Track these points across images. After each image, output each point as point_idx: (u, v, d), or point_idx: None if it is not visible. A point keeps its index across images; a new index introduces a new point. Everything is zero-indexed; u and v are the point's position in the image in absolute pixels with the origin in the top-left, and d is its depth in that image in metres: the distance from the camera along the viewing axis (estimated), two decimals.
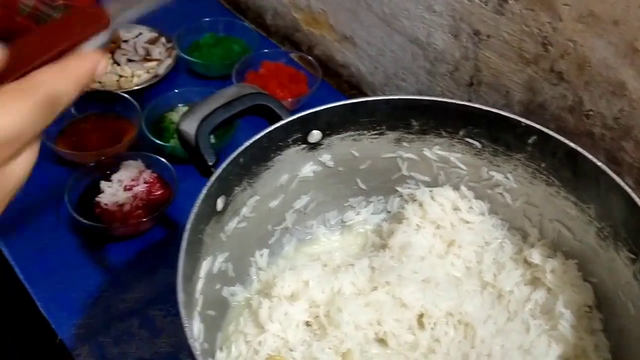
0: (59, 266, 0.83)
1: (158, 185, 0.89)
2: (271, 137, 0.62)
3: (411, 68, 0.95)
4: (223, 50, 1.12)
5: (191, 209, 0.87)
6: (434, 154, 0.68)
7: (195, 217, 0.54)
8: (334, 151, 0.68)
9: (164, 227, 0.88)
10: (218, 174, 0.57)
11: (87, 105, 1.00)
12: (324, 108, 0.64)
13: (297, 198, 0.70)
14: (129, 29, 1.16)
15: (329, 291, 0.63)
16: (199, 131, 0.60)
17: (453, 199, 0.69)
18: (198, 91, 1.02)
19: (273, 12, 1.19)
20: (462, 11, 0.83)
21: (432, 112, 0.65)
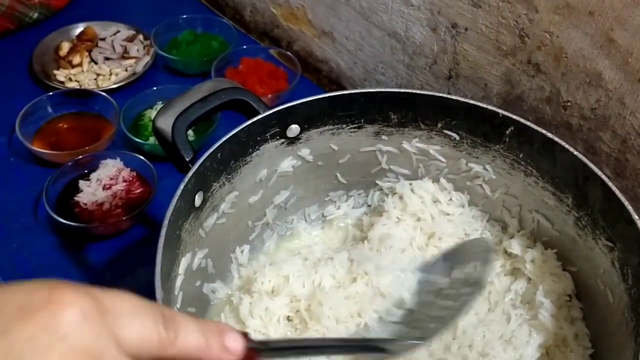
0: (38, 267, 0.82)
1: (137, 184, 0.88)
2: (249, 132, 0.62)
3: (390, 62, 0.95)
4: (201, 47, 1.11)
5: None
6: (413, 146, 0.68)
7: (173, 213, 0.53)
8: (313, 145, 0.67)
9: (144, 225, 0.88)
10: (195, 169, 0.56)
11: (64, 105, 0.99)
12: (301, 102, 0.63)
13: (277, 193, 0.69)
14: (106, 27, 1.15)
15: (309, 285, 0.62)
16: (175, 127, 0.59)
17: (433, 192, 0.69)
18: (177, 88, 1.00)
19: (252, 8, 1.18)
20: (439, 4, 0.83)
21: (410, 104, 0.65)
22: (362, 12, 0.95)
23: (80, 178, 0.87)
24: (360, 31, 0.97)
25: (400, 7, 0.88)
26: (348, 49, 1.01)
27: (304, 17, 1.07)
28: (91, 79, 1.06)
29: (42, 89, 1.05)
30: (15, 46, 1.14)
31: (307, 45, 1.10)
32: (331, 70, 1.08)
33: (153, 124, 0.60)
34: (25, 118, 0.94)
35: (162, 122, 0.59)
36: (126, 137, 0.94)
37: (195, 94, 0.61)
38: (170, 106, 0.60)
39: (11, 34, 1.16)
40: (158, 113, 0.60)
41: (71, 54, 1.08)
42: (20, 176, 0.93)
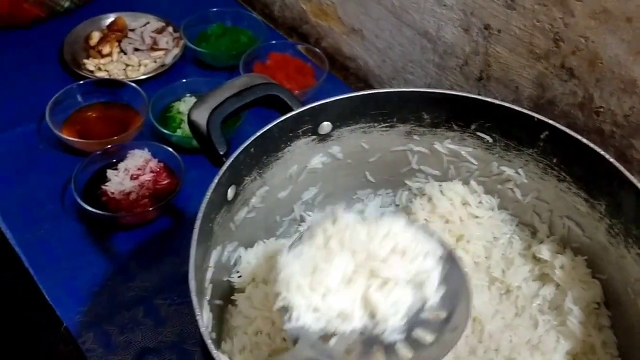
0: (64, 254, 0.83)
1: (164, 175, 0.88)
2: (282, 128, 0.62)
3: (420, 61, 0.94)
4: (230, 40, 1.11)
5: (202, 198, 0.87)
6: (445, 147, 0.68)
7: (207, 206, 0.53)
8: (344, 143, 0.67)
9: (170, 216, 0.88)
10: (229, 163, 0.57)
11: (93, 94, 1.00)
12: (335, 99, 0.63)
13: (306, 189, 0.69)
14: (136, 18, 1.15)
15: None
16: (210, 120, 0.59)
17: (462, 194, 0.69)
18: (205, 81, 1.01)
19: (281, 3, 1.18)
20: (473, 5, 0.82)
21: (444, 105, 0.64)
22: (394, 11, 0.94)
23: (108, 167, 0.88)
24: (390, 29, 0.97)
25: (433, 7, 0.88)
26: (377, 47, 1.01)
27: (334, 13, 1.06)
28: (120, 69, 1.07)
29: (72, 77, 1.06)
30: (46, 34, 1.15)
31: (336, 42, 1.10)
32: (359, 67, 1.07)
33: (188, 116, 0.60)
34: (54, 106, 0.95)
35: (197, 115, 0.60)
36: (154, 128, 0.95)
37: (230, 89, 0.61)
38: (206, 100, 0.61)
39: (42, 22, 1.17)
40: (193, 106, 0.60)
41: (101, 43, 1.09)
42: (49, 163, 0.94)
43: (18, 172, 0.92)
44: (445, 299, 0.50)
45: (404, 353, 0.48)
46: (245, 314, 0.61)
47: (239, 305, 0.61)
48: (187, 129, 0.94)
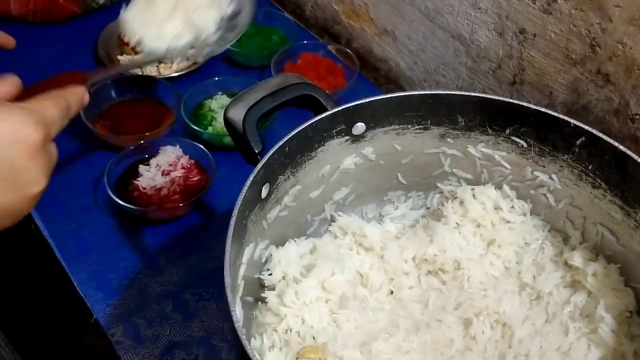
0: (96, 247, 0.84)
1: (195, 172, 0.89)
2: (316, 128, 0.62)
3: (452, 64, 0.94)
4: (262, 40, 1.12)
5: (232, 195, 0.87)
6: (479, 151, 0.67)
7: (242, 203, 0.54)
8: (377, 144, 0.67)
9: (199, 212, 0.89)
10: (264, 161, 0.57)
11: (126, 90, 1.01)
12: (370, 100, 0.63)
13: (337, 189, 0.69)
14: None
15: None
16: (246, 119, 0.60)
17: (495, 198, 0.68)
18: (237, 80, 1.02)
19: (313, 4, 1.18)
20: (508, 9, 0.82)
21: (479, 108, 0.64)
22: (427, 13, 0.94)
23: (140, 162, 0.89)
24: (423, 32, 0.96)
25: (467, 10, 0.87)
26: (409, 49, 1.01)
27: (366, 14, 1.07)
28: (153, 66, 1.08)
29: None
30: (81, 30, 1.16)
31: (367, 43, 1.10)
32: (390, 69, 1.07)
33: (225, 114, 0.61)
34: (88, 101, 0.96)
35: (234, 113, 0.60)
36: (185, 125, 0.96)
37: (266, 88, 0.62)
38: (242, 98, 0.61)
39: (77, 18, 1.18)
40: (230, 104, 0.61)
41: None
42: (82, 158, 0.95)
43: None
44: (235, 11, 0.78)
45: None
46: (275, 311, 0.61)
47: (269, 303, 0.62)
48: (219, 126, 0.96)
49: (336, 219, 0.70)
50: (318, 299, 0.61)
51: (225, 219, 0.87)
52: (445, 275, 0.66)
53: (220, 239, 0.83)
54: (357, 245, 0.67)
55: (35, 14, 1.14)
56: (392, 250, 0.66)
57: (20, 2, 1.13)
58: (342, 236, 0.68)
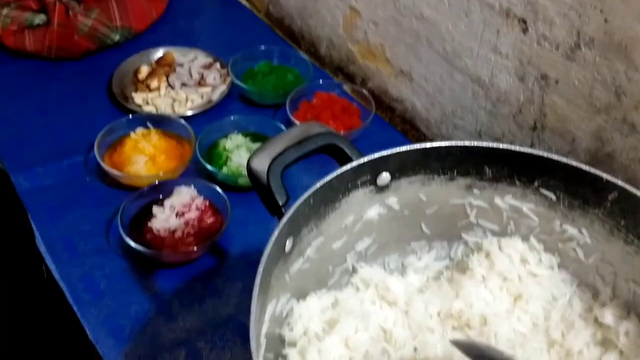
0: (108, 290, 0.81)
1: (209, 213, 0.87)
2: (341, 178, 0.60)
3: (471, 107, 0.92)
4: (277, 79, 1.11)
5: (246, 237, 0.87)
6: (506, 203, 0.65)
7: (267, 259, 0.51)
8: (401, 194, 0.65)
9: (213, 255, 0.87)
10: (290, 215, 0.55)
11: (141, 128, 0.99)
12: (395, 151, 0.61)
13: (360, 240, 0.67)
14: (184, 53, 1.15)
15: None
16: (270, 170, 0.58)
17: (522, 251, 0.66)
18: (252, 119, 1.01)
19: (328, 43, 1.17)
20: (530, 54, 0.80)
21: (507, 160, 0.62)
22: (445, 56, 0.93)
23: (154, 203, 0.87)
24: (441, 74, 0.95)
25: (487, 54, 0.86)
26: (426, 91, 0.99)
27: (382, 55, 1.05)
28: (167, 103, 1.06)
29: (120, 110, 1.06)
30: (95, 67, 1.15)
31: (383, 83, 1.08)
32: (406, 110, 1.06)
33: (248, 165, 0.59)
34: (103, 139, 0.95)
35: (257, 163, 0.58)
36: (200, 165, 0.94)
37: (290, 138, 0.60)
38: (266, 148, 0.59)
39: (92, 55, 1.18)
40: (253, 155, 0.59)
41: (150, 77, 1.09)
42: (94, 196, 0.93)
43: (64, 205, 0.91)
44: None
45: None
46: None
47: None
48: (233, 166, 0.94)
49: (358, 270, 0.68)
50: (341, 357, 0.58)
51: (240, 262, 0.86)
52: (472, 332, 0.63)
53: (235, 283, 0.83)
54: (381, 299, 0.65)
55: (50, 50, 1.13)
56: (416, 305, 0.63)
57: (36, 39, 1.13)
58: (365, 289, 0.66)
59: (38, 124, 1.04)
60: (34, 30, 1.13)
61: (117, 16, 1.17)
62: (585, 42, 0.73)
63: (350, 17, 1.09)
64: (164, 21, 1.28)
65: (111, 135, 0.96)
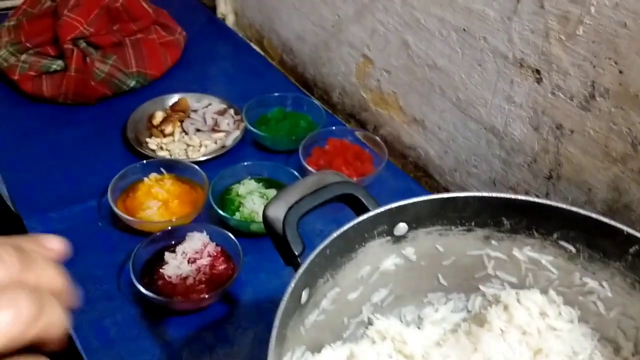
0: (117, 338, 0.80)
1: (221, 260, 0.86)
2: (358, 228, 0.59)
3: (485, 156, 0.92)
4: (290, 125, 1.11)
5: (257, 284, 0.86)
6: (524, 255, 0.64)
7: (283, 312, 0.50)
8: (418, 245, 0.64)
9: (224, 302, 0.85)
10: (306, 266, 0.54)
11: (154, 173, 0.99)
12: (413, 202, 0.60)
13: (376, 291, 0.66)
14: (199, 99, 1.16)
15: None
16: (286, 219, 0.57)
17: (541, 304, 0.64)
18: (265, 165, 1.01)
19: (341, 90, 1.18)
20: (544, 104, 0.80)
21: (526, 211, 0.61)
22: (459, 105, 0.93)
23: (166, 249, 0.86)
24: (454, 122, 0.95)
25: (501, 103, 0.86)
26: (439, 138, 0.99)
27: (395, 103, 1.06)
28: (181, 149, 1.07)
29: (134, 155, 1.06)
30: (110, 112, 1.16)
31: (395, 130, 1.08)
32: (419, 156, 1.06)
33: (264, 213, 0.58)
34: (116, 184, 0.95)
35: (273, 212, 0.58)
36: (211, 210, 0.93)
37: (306, 187, 0.59)
38: (282, 197, 0.59)
39: (107, 100, 1.19)
40: (269, 203, 0.58)
41: (164, 123, 1.10)
42: (106, 241, 0.93)
43: (76, 250, 0.88)
44: None
45: None
46: None
47: None
48: (246, 212, 0.94)
49: (374, 322, 0.66)
50: None
51: (252, 310, 0.85)
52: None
53: (246, 332, 0.81)
54: (397, 352, 0.63)
55: (67, 96, 1.14)
56: (434, 359, 0.61)
57: (53, 84, 1.14)
58: (381, 341, 0.64)
59: (52, 168, 1.04)
60: (51, 76, 1.15)
61: (133, 62, 1.19)
62: (600, 93, 0.73)
63: (363, 65, 1.10)
64: (179, 67, 1.30)
65: (125, 180, 0.96)
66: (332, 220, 0.94)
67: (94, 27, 1.16)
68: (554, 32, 0.75)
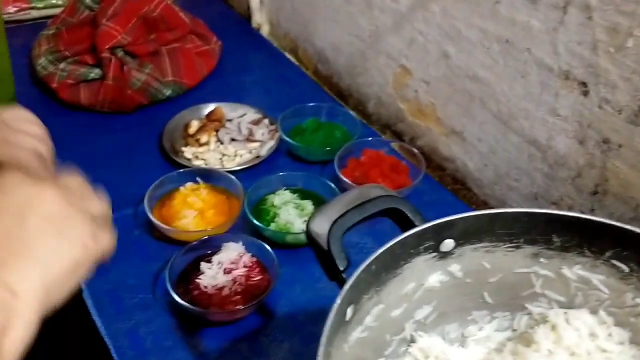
0: (153, 348, 0.79)
1: (257, 270, 0.85)
2: (404, 244, 0.58)
3: (526, 169, 0.90)
4: (324, 135, 1.10)
5: (293, 296, 0.85)
6: (574, 273, 0.62)
7: (329, 330, 0.49)
8: (465, 261, 0.63)
9: (260, 314, 0.84)
10: (352, 282, 0.53)
11: (189, 180, 0.99)
12: (461, 217, 0.59)
13: (419, 308, 0.64)
14: (234, 109, 1.16)
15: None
16: (331, 233, 0.56)
17: (590, 324, 0.62)
18: (300, 175, 1.00)
19: (376, 101, 1.17)
20: (590, 118, 0.78)
21: (577, 228, 0.59)
22: (500, 116, 0.91)
23: (202, 258, 0.86)
24: (495, 134, 0.93)
25: (545, 116, 0.84)
26: (479, 151, 0.97)
27: (433, 114, 1.04)
28: (216, 158, 1.07)
29: (169, 164, 1.06)
30: (146, 121, 1.17)
31: (433, 141, 1.07)
32: (457, 169, 1.04)
33: (307, 227, 0.57)
34: (153, 192, 0.95)
35: (317, 226, 0.57)
36: (247, 220, 0.93)
37: (350, 201, 0.59)
38: (325, 211, 0.58)
39: (144, 109, 1.19)
40: (313, 217, 0.57)
41: (200, 132, 1.09)
42: (142, 250, 0.92)
43: (112, 258, 0.90)
44: None
45: None
46: None
47: None
48: (282, 223, 0.93)
49: (416, 339, 0.64)
50: None
51: (287, 322, 0.83)
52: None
53: (281, 344, 0.80)
54: None
55: (103, 104, 1.15)
56: None
57: (90, 93, 1.15)
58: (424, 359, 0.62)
59: (89, 176, 1.04)
60: (89, 84, 1.15)
61: (170, 71, 1.19)
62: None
63: (400, 75, 1.09)
64: (214, 77, 1.30)
65: (161, 189, 0.96)
66: (367, 233, 0.93)
67: (132, 36, 1.16)
68: (602, 44, 0.73)
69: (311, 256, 0.59)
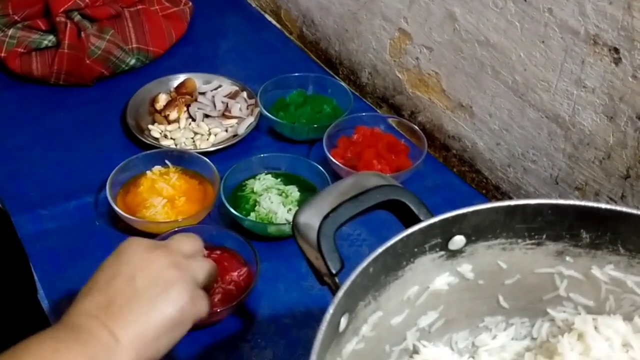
0: None
1: (235, 267, 0.82)
2: (407, 242, 0.54)
3: (546, 149, 0.86)
4: (311, 110, 1.07)
5: (275, 295, 0.82)
6: (605, 274, 0.59)
7: (320, 345, 0.45)
8: (477, 261, 0.59)
9: (239, 316, 0.81)
10: (346, 288, 0.49)
11: (157, 163, 0.95)
12: (473, 210, 0.55)
13: (424, 314, 0.61)
14: (207, 80, 1.13)
15: None
16: (321, 231, 0.52)
17: (624, 333, 0.59)
18: (284, 157, 0.97)
19: (371, 70, 1.13)
20: (623, 90, 0.74)
21: (610, 223, 0.56)
22: (515, 88, 0.87)
23: None
24: (509, 109, 0.89)
25: (568, 87, 0.80)
26: (490, 128, 0.94)
27: (437, 85, 1.00)
28: (188, 137, 1.03)
29: (135, 144, 1.03)
30: (108, 94, 1.13)
31: (437, 117, 1.03)
32: (464, 148, 1.00)
33: (294, 222, 0.54)
34: (115, 177, 0.91)
35: (305, 222, 0.53)
36: (223, 209, 0.89)
37: (343, 192, 0.55)
38: (314, 204, 0.54)
39: (104, 81, 1.15)
40: (300, 211, 0.54)
41: (168, 108, 1.05)
42: (105, 243, 0.88)
43: (71, 253, 0.87)
44: None
45: None
46: None
47: None
48: (263, 212, 0.89)
49: (420, 350, 0.61)
50: None
51: (270, 325, 0.80)
52: None
53: (264, 352, 0.77)
54: None
55: (59, 76, 1.11)
56: None
57: (44, 63, 1.11)
58: None
59: (43, 159, 1.01)
60: (41, 53, 1.11)
61: (133, 38, 1.15)
62: None
63: (398, 40, 1.04)
64: (185, 44, 1.26)
65: (125, 173, 0.93)
66: (361, 222, 0.90)
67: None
68: (637, 3, 0.69)
69: (297, 250, 0.56)
